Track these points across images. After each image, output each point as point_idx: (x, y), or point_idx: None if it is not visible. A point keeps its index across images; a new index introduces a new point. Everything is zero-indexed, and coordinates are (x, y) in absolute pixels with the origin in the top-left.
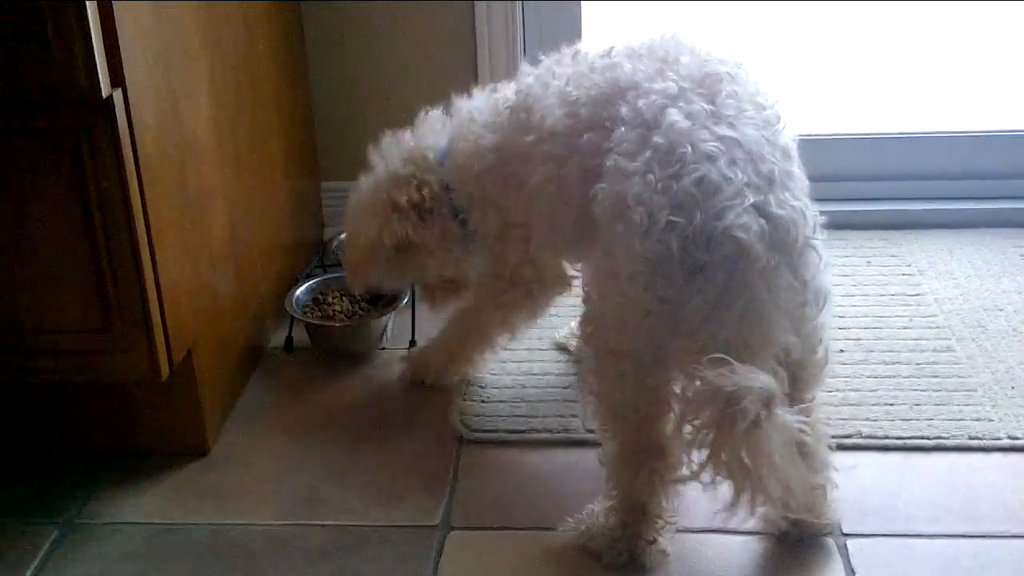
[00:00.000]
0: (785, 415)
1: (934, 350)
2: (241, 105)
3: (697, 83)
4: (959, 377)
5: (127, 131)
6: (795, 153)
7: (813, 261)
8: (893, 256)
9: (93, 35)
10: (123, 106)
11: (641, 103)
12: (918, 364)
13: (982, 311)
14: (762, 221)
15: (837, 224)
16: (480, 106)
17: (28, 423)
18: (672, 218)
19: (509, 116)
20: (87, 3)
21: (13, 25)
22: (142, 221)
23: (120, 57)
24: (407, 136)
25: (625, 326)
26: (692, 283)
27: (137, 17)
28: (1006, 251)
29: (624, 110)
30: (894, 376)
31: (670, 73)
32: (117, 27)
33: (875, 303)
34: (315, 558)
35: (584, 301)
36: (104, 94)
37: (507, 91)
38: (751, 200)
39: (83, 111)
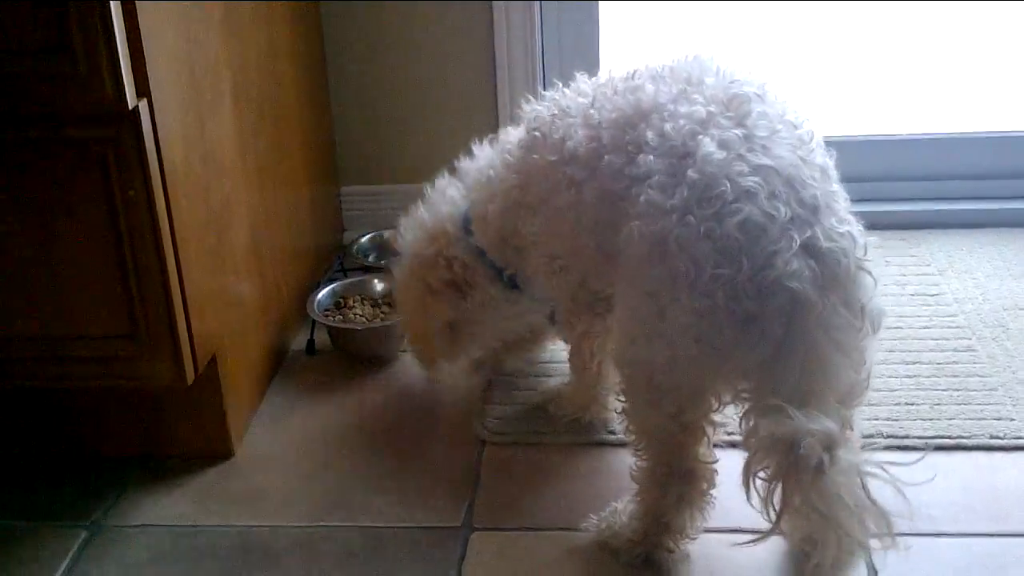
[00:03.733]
0: (849, 456)
1: (954, 350)
2: (263, 114)
3: (724, 105)
4: (980, 376)
5: (153, 141)
6: (833, 171)
7: (868, 284)
8: (913, 256)
9: (119, 47)
10: (149, 117)
11: (668, 127)
12: (939, 364)
13: (1002, 310)
14: (812, 263)
15: None
16: (489, 158)
17: (56, 428)
18: (718, 270)
19: (523, 149)
20: (114, 16)
21: (41, 38)
22: (167, 229)
23: (146, 69)
24: (422, 213)
25: (671, 370)
26: (746, 334)
27: (163, 30)
28: None
29: (650, 135)
30: (915, 376)
31: (696, 96)
32: (143, 39)
33: (895, 303)
34: (340, 560)
35: (619, 338)
36: (130, 105)
37: (511, 134)
38: (798, 241)
39: (110, 122)
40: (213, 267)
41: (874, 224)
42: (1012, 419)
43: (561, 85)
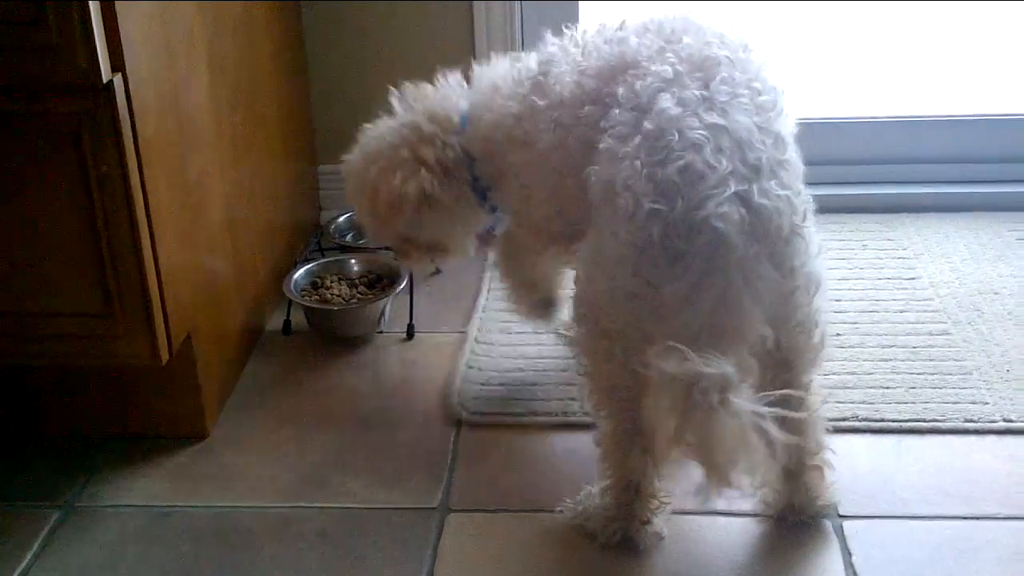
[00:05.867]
0: (741, 402)
1: (930, 333)
2: (239, 88)
3: (695, 66)
4: (955, 360)
5: (127, 115)
6: (790, 140)
7: (801, 249)
8: (889, 240)
9: (94, 20)
10: (123, 91)
11: (638, 85)
12: (914, 347)
13: (978, 295)
14: (743, 211)
15: (833, 208)
16: (503, 75)
17: (29, 407)
18: (654, 205)
19: (532, 85)
20: None
21: (14, 9)
22: (142, 205)
23: (120, 42)
24: (430, 92)
25: (613, 307)
26: (674, 269)
27: (138, 3)
28: (1002, 235)
29: (621, 90)
30: (890, 359)
31: (669, 55)
32: (117, 12)
33: (871, 287)
34: (315, 540)
35: (575, 281)
36: (104, 79)
37: (530, 61)
38: (733, 189)
39: (84, 96)
40: (188, 244)
41: (851, 207)
42: (986, 403)
43: (574, 28)
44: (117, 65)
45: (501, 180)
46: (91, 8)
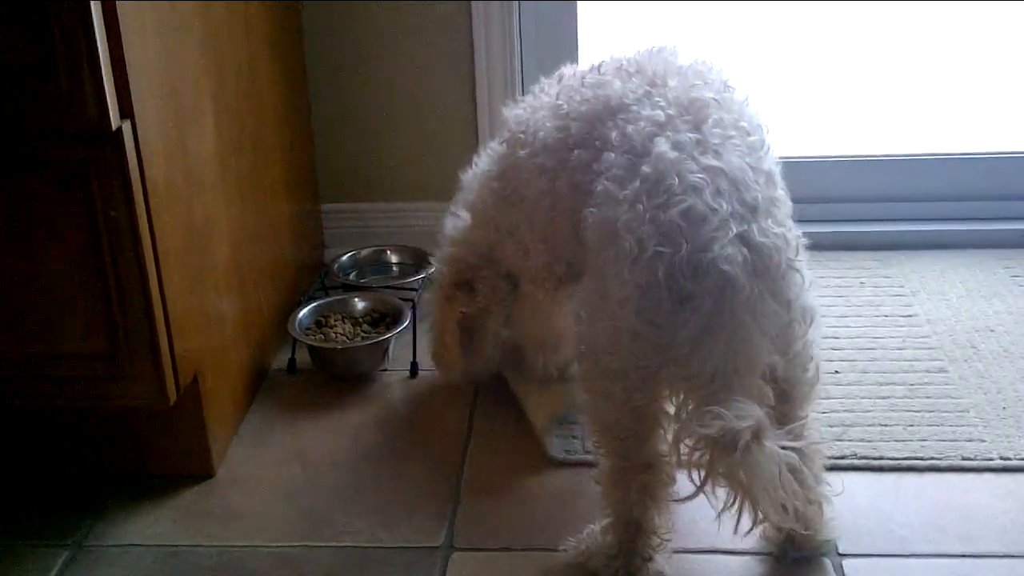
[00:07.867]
0: (774, 446)
1: (927, 371)
2: (244, 130)
3: (684, 109)
4: (952, 398)
5: (136, 162)
6: (778, 177)
7: (796, 282)
8: (886, 277)
9: (103, 68)
10: (132, 137)
11: (630, 129)
12: (911, 385)
13: (974, 332)
14: (745, 251)
15: (830, 245)
16: (482, 160)
17: (37, 448)
18: (659, 248)
19: (506, 146)
20: (97, 37)
21: (24, 58)
22: (150, 249)
23: (129, 89)
24: (444, 231)
25: (615, 347)
26: (680, 311)
27: (146, 49)
28: (997, 272)
29: (614, 134)
30: (888, 397)
31: (658, 99)
32: (126, 59)
33: (868, 324)
34: None
35: (575, 322)
36: (114, 127)
37: (501, 135)
38: (735, 231)
39: (93, 143)
40: (195, 285)
41: (847, 244)
42: (983, 440)
43: (536, 87)
44: (126, 112)
45: (500, 246)
46: (100, 56)
